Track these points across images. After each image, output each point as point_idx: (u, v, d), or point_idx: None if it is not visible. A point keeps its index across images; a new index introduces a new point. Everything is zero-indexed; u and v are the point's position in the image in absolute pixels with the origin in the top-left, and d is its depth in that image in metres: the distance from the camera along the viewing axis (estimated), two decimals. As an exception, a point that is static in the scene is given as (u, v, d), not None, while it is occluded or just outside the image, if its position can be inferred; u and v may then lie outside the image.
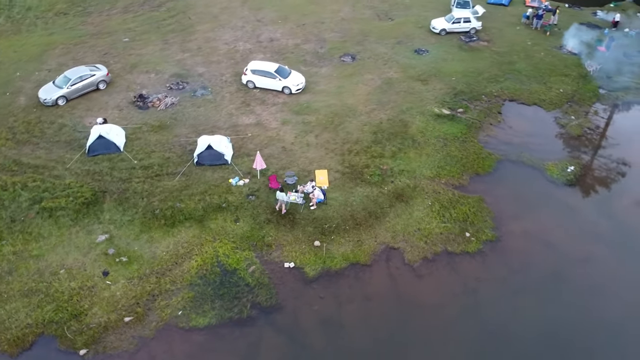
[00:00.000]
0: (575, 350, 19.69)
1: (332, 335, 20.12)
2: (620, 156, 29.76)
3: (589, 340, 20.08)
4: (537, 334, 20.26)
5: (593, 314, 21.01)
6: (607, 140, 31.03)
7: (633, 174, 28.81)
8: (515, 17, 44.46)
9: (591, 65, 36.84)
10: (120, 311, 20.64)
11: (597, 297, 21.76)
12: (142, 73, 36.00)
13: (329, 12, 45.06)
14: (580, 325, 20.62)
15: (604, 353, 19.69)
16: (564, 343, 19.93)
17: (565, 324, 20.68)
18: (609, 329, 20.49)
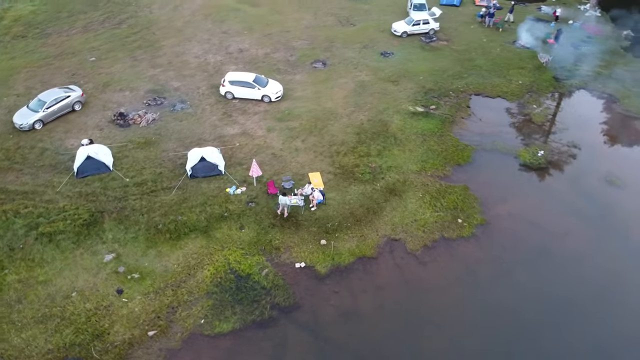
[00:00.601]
0: (565, 313, 21.69)
1: (352, 326, 21.20)
2: (582, 138, 32.61)
3: (577, 305, 22.17)
4: (533, 302, 22.18)
5: (578, 281, 23.18)
6: (567, 124, 33.80)
7: (594, 152, 31.67)
8: (467, 16, 47.31)
9: (544, 57, 39.92)
10: (142, 326, 20.83)
11: (580, 266, 23.99)
12: (116, 91, 35.77)
13: (292, 21, 46.24)
14: (567, 292, 22.67)
15: (590, 313, 21.80)
16: (555, 308, 21.93)
17: (554, 291, 22.70)
18: (593, 294, 22.70)
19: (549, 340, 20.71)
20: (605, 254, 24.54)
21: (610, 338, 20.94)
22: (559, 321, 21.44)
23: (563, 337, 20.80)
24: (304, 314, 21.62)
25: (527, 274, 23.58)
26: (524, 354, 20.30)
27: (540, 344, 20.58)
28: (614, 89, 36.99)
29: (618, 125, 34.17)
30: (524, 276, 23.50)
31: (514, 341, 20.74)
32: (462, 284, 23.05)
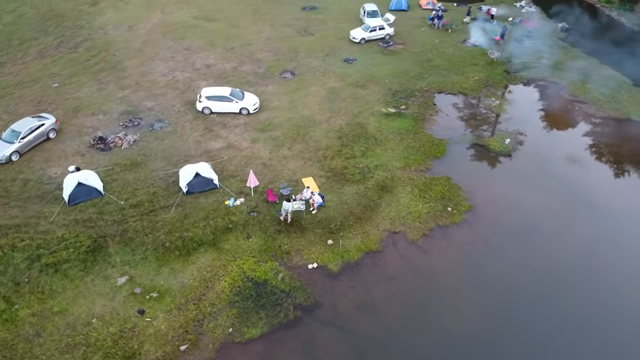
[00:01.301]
0: (554, 281, 24.11)
1: (372, 316, 22.56)
2: (539, 123, 35.94)
3: (563, 272, 24.69)
4: (526, 274, 24.47)
5: (559, 252, 25.77)
6: (524, 112, 37.00)
7: (552, 134, 34.99)
8: (417, 20, 50.22)
9: (493, 53, 43.32)
10: (172, 342, 21.15)
11: (560, 238, 26.64)
12: (88, 116, 35.28)
13: (251, 34, 47.19)
14: (552, 262, 25.18)
15: (572, 279, 24.37)
16: (543, 277, 24.33)
17: (541, 262, 25.15)
18: (572, 262, 25.36)
19: (540, 307, 23.00)
20: (579, 224, 27.41)
21: (590, 299, 23.56)
22: (546, 288, 23.81)
23: (551, 302, 23.17)
24: (325, 310, 22.72)
25: (517, 250, 25.92)
26: (521, 320, 22.40)
27: (533, 311, 22.82)
28: (559, 77, 40.81)
29: (568, 108, 37.76)
30: (513, 252, 25.82)
31: (512, 310, 22.84)
32: (463, 266, 25.04)
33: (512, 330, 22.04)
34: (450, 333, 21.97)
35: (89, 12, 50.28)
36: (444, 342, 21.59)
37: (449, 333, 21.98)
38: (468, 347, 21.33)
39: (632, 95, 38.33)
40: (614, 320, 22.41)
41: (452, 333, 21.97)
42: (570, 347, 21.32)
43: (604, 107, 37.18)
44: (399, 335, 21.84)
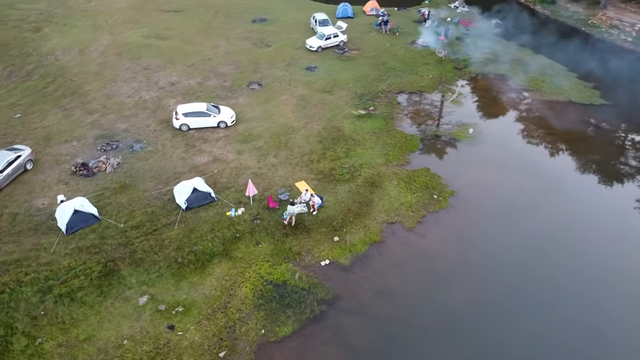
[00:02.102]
0: (533, 249, 27.18)
1: (389, 299, 24.38)
2: (494, 111, 39.56)
3: (539, 241, 27.85)
4: (511, 245, 27.34)
5: (535, 223, 28.95)
6: (479, 103, 40.56)
7: (507, 120, 38.69)
8: (364, 26, 52.93)
9: (440, 52, 46.81)
10: (210, 351, 21.82)
11: (533, 210, 29.87)
12: (61, 143, 34.57)
13: (209, 49, 47.77)
14: (530, 232, 28.29)
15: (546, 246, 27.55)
16: (525, 246, 27.35)
17: (522, 233, 28.20)
18: (545, 231, 28.58)
19: (526, 273, 25.93)
20: (546, 197, 30.86)
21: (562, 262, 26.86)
22: (528, 256, 26.83)
23: (534, 268, 26.20)
24: (346, 301, 24.27)
25: (500, 225, 28.85)
26: (513, 285, 25.15)
27: (521, 276, 25.69)
28: (502, 70, 44.93)
29: (517, 97, 41.74)
30: (498, 227, 28.72)
31: (505, 277, 25.56)
32: (458, 245, 27.55)
33: (508, 294, 24.71)
34: (457, 302, 24.26)
35: (33, 38, 48.55)
36: (453, 310, 23.82)
37: (456, 302, 24.25)
38: (473, 311, 23.76)
39: (569, 80, 43.10)
40: (586, 280, 25.73)
41: (458, 302, 24.27)
42: (550, 302, 24.28)
43: (547, 93, 41.53)
44: (416, 311, 23.84)
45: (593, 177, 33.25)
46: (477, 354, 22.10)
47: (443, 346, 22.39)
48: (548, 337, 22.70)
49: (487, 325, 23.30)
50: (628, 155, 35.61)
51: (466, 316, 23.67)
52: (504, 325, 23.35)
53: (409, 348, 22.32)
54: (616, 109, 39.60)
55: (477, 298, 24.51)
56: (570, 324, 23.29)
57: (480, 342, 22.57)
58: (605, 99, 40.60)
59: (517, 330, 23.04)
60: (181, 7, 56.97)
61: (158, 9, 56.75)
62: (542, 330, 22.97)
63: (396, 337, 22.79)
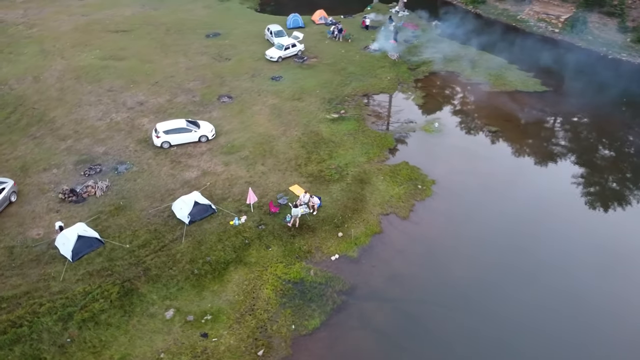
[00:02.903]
0: (511, 225, 30.41)
1: (401, 282, 26.46)
2: (453, 105, 43.01)
3: (514, 217, 31.17)
4: (495, 223, 30.43)
5: (511, 201, 32.28)
6: (439, 99, 43.88)
7: (465, 112, 42.22)
8: (316, 34, 55.06)
9: (393, 55, 49.92)
10: (248, 351, 22.81)
11: (507, 189, 33.26)
12: (40, 172, 33.84)
13: (169, 67, 47.93)
14: (509, 210, 31.54)
15: (524, 223, 30.92)
16: (507, 223, 30.54)
17: (503, 212, 31.40)
18: (520, 208, 31.97)
19: (511, 245, 29.08)
20: (516, 176, 34.41)
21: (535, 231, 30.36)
22: (511, 231, 30.06)
23: (518, 241, 29.42)
24: (362, 290, 26.08)
25: (483, 206, 31.87)
26: (502, 258, 28.15)
27: (508, 248, 28.79)
28: (451, 67, 48.67)
29: (469, 90, 45.53)
30: (481, 209, 31.72)
31: (496, 252, 28.51)
32: (449, 227, 30.24)
33: (498, 265, 27.65)
34: (458, 277, 26.93)
35: (-21, 68, 46.44)
36: (456, 284, 26.41)
37: (457, 277, 26.91)
38: (472, 283, 26.49)
39: (513, 72, 47.52)
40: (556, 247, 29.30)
41: (459, 276, 26.93)
42: (532, 270, 27.48)
43: (496, 85, 45.61)
44: (425, 290, 26.17)
45: (548, 155, 37.30)
46: (482, 319, 24.64)
47: (455, 315, 24.75)
48: (535, 301, 25.72)
49: (486, 293, 26.03)
50: (576, 132, 40.12)
51: (468, 288, 26.28)
52: (499, 290, 26.15)
53: (427, 322, 24.49)
54: (557, 93, 44.42)
55: (474, 271, 27.22)
56: (550, 289, 26.48)
57: (483, 308, 25.19)
58: (546, 86, 45.27)
59: (510, 295, 25.90)
60: (129, 27, 56.38)
61: (105, 30, 55.82)
62: (529, 296, 25.97)
63: (413, 314, 24.92)
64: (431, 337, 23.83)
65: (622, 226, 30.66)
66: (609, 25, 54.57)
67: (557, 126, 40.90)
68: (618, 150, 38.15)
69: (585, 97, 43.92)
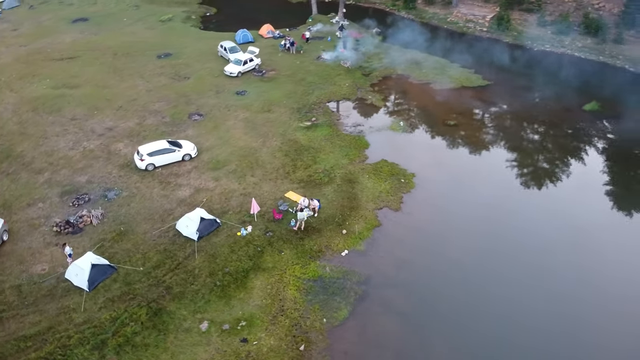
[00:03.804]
0: (493, 206, 34.00)
1: (408, 268, 28.87)
2: (411, 104, 46.55)
3: (494, 199, 34.85)
4: (477, 206, 33.79)
5: (489, 185, 36.03)
6: (397, 99, 47.24)
7: (423, 109, 45.87)
8: (267, 48, 56.75)
9: (346, 63, 52.84)
10: (290, 348, 24.19)
11: (482, 174, 37.00)
12: (25, 208, 32.96)
13: (129, 90, 47.64)
14: (486, 193, 35.15)
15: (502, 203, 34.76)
16: (488, 205, 34.09)
17: (481, 196, 34.98)
18: (498, 190, 35.83)
19: (493, 226, 32.67)
20: (482, 162, 38.34)
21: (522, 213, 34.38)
22: (493, 212, 33.72)
23: (500, 218, 33.12)
24: (377, 279, 28.24)
25: (463, 193, 35.19)
26: (489, 234, 31.65)
27: (491, 228, 32.33)
28: (400, 69, 52.27)
29: (420, 89, 49.23)
30: (461, 195, 35.04)
31: (482, 231, 31.89)
32: (438, 214, 33.22)
33: (487, 241, 31.01)
34: (457, 256, 29.72)
35: None
36: (457, 263, 29.25)
37: (456, 256, 29.69)
38: (470, 259, 29.50)
39: (455, 70, 51.95)
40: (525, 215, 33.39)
41: (457, 256, 29.75)
42: (515, 243, 31.24)
43: (444, 82, 49.70)
44: (432, 271, 28.85)
45: (502, 140, 41.71)
46: (484, 288, 27.69)
47: (458, 292, 27.51)
48: (521, 269, 29.30)
49: (484, 267, 29.18)
50: (520, 117, 44.89)
51: (468, 264, 29.28)
52: (494, 263, 29.42)
53: (437, 300, 27.07)
54: (498, 85, 49.32)
55: (467, 251, 30.26)
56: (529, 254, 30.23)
57: (483, 280, 28.27)
58: (487, 80, 50.09)
59: (502, 264, 29.26)
60: (74, 54, 55.01)
61: (49, 58, 54.11)
62: (516, 269, 29.53)
63: (425, 295, 27.44)
64: (443, 312, 26.39)
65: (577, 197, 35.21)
66: (529, 20, 61.05)
67: (504, 114, 45.62)
68: (558, 127, 43.25)
69: (521, 86, 49.25)
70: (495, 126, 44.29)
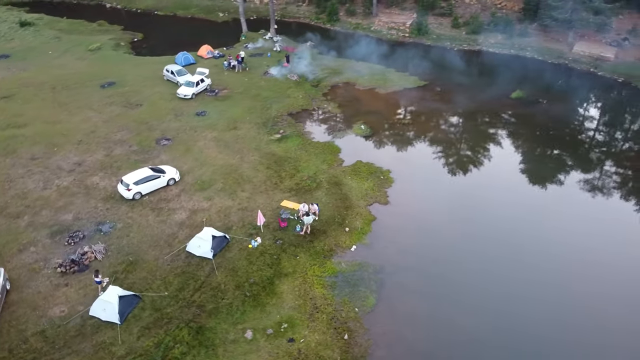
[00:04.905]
0: (466, 190, 38.63)
1: (413, 253, 32.03)
2: (364, 109, 50.23)
3: (465, 183, 39.47)
4: (454, 191, 38.14)
5: (459, 172, 40.53)
6: (351, 106, 50.61)
7: (379, 112, 49.71)
8: (211, 68, 57.36)
9: (293, 76, 55.40)
10: (335, 339, 26.21)
11: (448, 162, 41.42)
12: (17, 255, 31.58)
13: (83, 123, 46.31)
14: (457, 178, 39.68)
15: (474, 189, 39.52)
16: (461, 191, 38.60)
17: (454, 181, 39.39)
18: (468, 176, 40.49)
19: (473, 206, 37.07)
20: (444, 151, 42.88)
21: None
22: (468, 196, 38.17)
23: (476, 200, 37.63)
24: (389, 266, 31.03)
25: (439, 181, 39.28)
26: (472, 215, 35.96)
27: (473, 209, 36.75)
28: (345, 78, 55.82)
29: (368, 94, 53.07)
30: (438, 183, 39.09)
31: (465, 214, 36.07)
32: (423, 202, 36.86)
33: (472, 221, 35.29)
34: (452, 236, 33.61)
35: None
36: (454, 242, 33.11)
37: (451, 237, 33.57)
38: (462, 237, 33.49)
39: (393, 74, 56.52)
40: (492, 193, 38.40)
41: (452, 236, 33.64)
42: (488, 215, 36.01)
43: (387, 86, 54.02)
44: (433, 253, 32.31)
45: (452, 129, 46.73)
46: (480, 264, 31.72)
47: (462, 261, 31.33)
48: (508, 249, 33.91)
49: (476, 239, 33.28)
50: (459, 108, 50.32)
51: (460, 240, 33.20)
52: (484, 235, 33.66)
53: (445, 276, 30.54)
54: (434, 84, 54.63)
55: (457, 228, 34.27)
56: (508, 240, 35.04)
57: (477, 256, 32.28)
58: (424, 81, 55.22)
59: (489, 235, 33.63)
60: (8, 93, 51.88)
61: (-21, 99, 50.60)
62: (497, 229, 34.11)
63: (434, 273, 30.74)
64: (452, 285, 29.87)
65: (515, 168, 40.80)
66: (444, 24, 67.81)
67: (447, 108, 50.75)
68: (495, 114, 49.19)
69: (454, 82, 54.98)
70: (442, 119, 49.26)
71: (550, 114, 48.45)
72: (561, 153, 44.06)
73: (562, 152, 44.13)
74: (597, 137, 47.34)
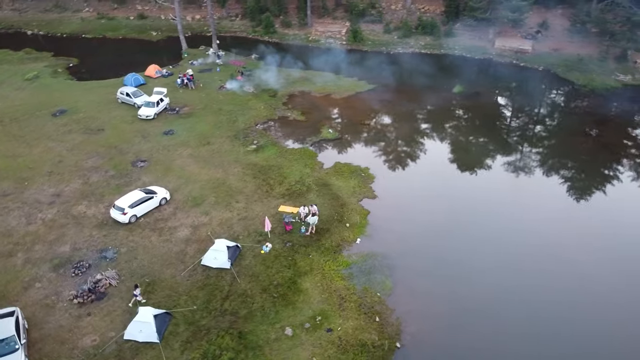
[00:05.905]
0: (446, 177, 42.66)
1: (412, 238, 35.06)
2: (327, 114, 52.91)
3: (445, 172, 43.48)
4: (434, 180, 41.93)
5: (435, 161, 44.42)
6: (317, 113, 53.06)
7: (345, 115, 52.65)
8: (164, 86, 57.18)
9: (249, 88, 56.84)
10: (367, 322, 28.49)
11: (423, 154, 45.23)
12: (23, 292, 30.57)
13: (46, 154, 44.74)
14: (436, 169, 43.59)
15: (454, 175, 43.66)
16: (442, 176, 42.52)
17: (432, 171, 43.25)
18: (448, 165, 44.54)
19: (455, 190, 41.11)
20: (411, 144, 46.74)
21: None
22: (450, 181, 42.16)
23: (458, 185, 41.72)
24: (394, 252, 33.68)
25: (418, 172, 42.88)
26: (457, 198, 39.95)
27: (457, 193, 40.75)
28: (298, 86, 58.19)
29: (324, 100, 55.73)
30: (416, 174, 42.70)
31: (450, 198, 39.90)
32: (407, 194, 40.20)
33: (458, 204, 39.23)
34: (438, 220, 37.09)
35: None
36: (446, 223, 36.70)
37: (437, 220, 37.04)
38: (454, 218, 37.22)
39: (342, 80, 59.79)
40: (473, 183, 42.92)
41: (438, 220, 37.14)
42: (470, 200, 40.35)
43: (340, 92, 57.09)
44: (429, 236, 35.62)
45: (409, 124, 50.88)
46: (475, 242, 35.60)
47: (458, 240, 34.94)
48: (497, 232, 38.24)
49: (463, 218, 37.16)
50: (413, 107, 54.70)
51: (449, 222, 36.84)
52: (470, 215, 37.64)
53: (445, 255, 33.92)
54: (382, 85, 58.62)
55: (444, 211, 37.97)
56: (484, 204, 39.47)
57: (471, 237, 36.18)
58: (373, 84, 59.03)
59: (476, 215, 37.70)
60: (-53, 130, 48.37)
61: None
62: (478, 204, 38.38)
63: (435, 254, 33.94)
64: (455, 263, 33.22)
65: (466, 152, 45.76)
66: (376, 30, 72.48)
67: (399, 106, 54.77)
68: (443, 107, 54.13)
69: (400, 83, 59.49)
70: (398, 116, 53.22)
71: (492, 102, 54.21)
72: (518, 134, 49.76)
73: (518, 133, 49.85)
74: (540, 116, 53.80)
